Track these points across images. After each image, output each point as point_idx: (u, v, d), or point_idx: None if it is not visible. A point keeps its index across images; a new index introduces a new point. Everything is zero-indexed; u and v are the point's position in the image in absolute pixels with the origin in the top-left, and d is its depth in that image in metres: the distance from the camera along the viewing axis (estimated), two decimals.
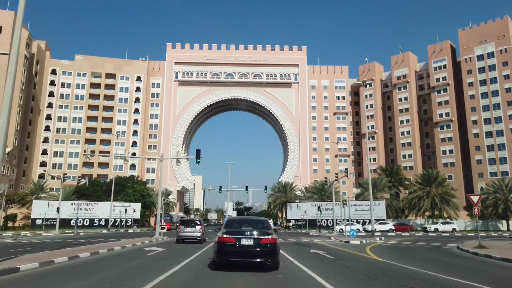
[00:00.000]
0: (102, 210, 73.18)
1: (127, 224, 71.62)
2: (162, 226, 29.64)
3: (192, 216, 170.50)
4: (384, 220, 60.72)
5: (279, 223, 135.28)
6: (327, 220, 71.64)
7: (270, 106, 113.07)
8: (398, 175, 73.56)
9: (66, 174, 62.06)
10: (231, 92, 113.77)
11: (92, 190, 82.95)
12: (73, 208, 70.81)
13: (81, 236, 37.34)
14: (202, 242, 25.46)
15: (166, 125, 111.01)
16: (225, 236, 11.09)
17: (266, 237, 11.02)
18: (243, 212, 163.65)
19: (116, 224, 71.15)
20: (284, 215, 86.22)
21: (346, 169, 46.80)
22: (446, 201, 62.55)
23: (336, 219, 71.65)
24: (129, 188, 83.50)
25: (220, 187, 58.44)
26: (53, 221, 62.19)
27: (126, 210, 72.65)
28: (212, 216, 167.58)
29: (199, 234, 25.44)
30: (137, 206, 74.85)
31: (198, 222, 27.26)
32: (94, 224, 71.15)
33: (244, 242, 10.89)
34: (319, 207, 58.72)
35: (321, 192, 76.72)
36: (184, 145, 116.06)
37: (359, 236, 37.28)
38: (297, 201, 77.55)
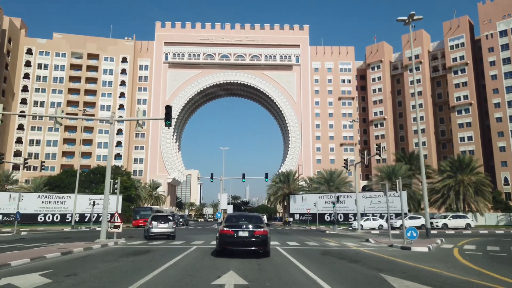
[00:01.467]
0: (76, 204, 62.07)
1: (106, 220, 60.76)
2: (116, 224, 18.65)
3: (186, 212, 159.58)
4: (407, 213, 49.97)
5: (278, 218, 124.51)
6: (337, 214, 60.85)
7: (269, 91, 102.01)
8: (419, 162, 62.56)
9: (43, 162, 50.37)
10: (226, 75, 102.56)
11: (68, 181, 71.72)
12: (40, 201, 59.81)
13: (7, 238, 26.22)
14: (174, 238, 23.86)
15: (155, 112, 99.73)
16: (225, 228, 13.23)
17: (259, 229, 13.12)
18: (240, 207, 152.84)
19: (94, 220, 60.29)
20: (286, 209, 75.39)
21: (363, 153, 35.93)
22: (481, 191, 51.88)
23: (348, 213, 60.97)
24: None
25: (212, 175, 47.52)
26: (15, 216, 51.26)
27: None
28: (208, 211, 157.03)
29: (171, 230, 24.14)
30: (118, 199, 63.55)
31: (171, 218, 25.76)
32: (67, 220, 60.08)
33: (241, 233, 12.99)
34: (338, 198, 47.84)
35: (329, 182, 65.87)
36: (176, 134, 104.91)
37: (378, 234, 26.78)
38: (302, 192, 66.69)
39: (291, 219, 66.72)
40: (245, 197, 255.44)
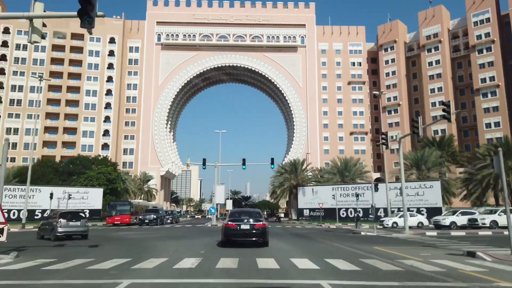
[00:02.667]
0: (48, 198, 52.26)
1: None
2: None
3: (184, 208, 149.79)
4: (453, 209, 39.91)
5: (282, 215, 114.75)
6: (354, 209, 50.89)
7: (272, 75, 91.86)
8: (451, 147, 52.70)
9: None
10: (224, 58, 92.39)
11: (41, 172, 61.80)
12: (3, 195, 49.77)
13: None
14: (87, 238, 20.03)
15: (147, 98, 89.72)
16: (229, 222, 14.94)
17: (258, 223, 14.93)
18: (240, 203, 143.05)
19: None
20: (291, 204, 65.46)
21: (416, 121, 26.02)
22: None
23: (368, 208, 50.97)
24: (90, 171, 62.37)
25: (204, 160, 37.53)
26: None
27: (82, 198, 52.56)
28: (207, 207, 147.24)
29: (84, 229, 20.29)
30: (97, 193, 53.89)
31: (83, 215, 21.46)
32: (35, 217, 50.30)
33: (243, 226, 14.77)
34: (376, 187, 37.52)
35: (343, 172, 55.85)
36: (170, 123, 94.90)
37: (437, 236, 17.27)
38: (312, 184, 56.67)
39: (293, 216, 56.85)
40: (245, 192, 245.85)
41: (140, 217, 38.46)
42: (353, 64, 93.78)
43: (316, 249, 14.53)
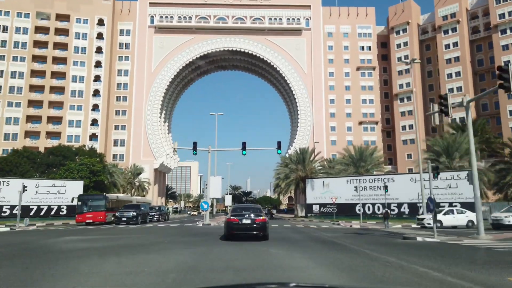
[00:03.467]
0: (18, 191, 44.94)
1: (60, 213, 44.19)
2: None
3: (182, 204, 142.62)
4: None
5: (285, 210, 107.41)
6: (373, 205, 43.63)
7: (274, 60, 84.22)
8: (485, 133, 45.14)
9: None
10: (223, 41, 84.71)
11: (16, 162, 54.49)
12: None
13: None
14: None
15: (139, 85, 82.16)
16: (231, 217, 15.43)
17: (259, 218, 15.46)
18: (241, 198, 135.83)
19: (41, 214, 43.57)
20: (297, 199, 58.12)
21: (443, 103, 18.31)
22: None
23: (389, 204, 43.60)
24: (71, 162, 55.01)
25: (195, 144, 30.06)
26: None
27: (59, 192, 45.62)
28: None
29: None
30: (76, 186, 46.42)
31: None
32: (3, 214, 43.23)
33: (244, 221, 15.27)
34: (437, 171, 29.89)
35: (358, 163, 48.35)
36: (164, 113, 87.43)
37: None
38: (322, 176, 49.15)
39: (300, 212, 49.50)
40: (246, 188, 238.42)
41: (117, 214, 31.06)
42: (362, 48, 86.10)
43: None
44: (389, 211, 28.79)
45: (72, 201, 37.76)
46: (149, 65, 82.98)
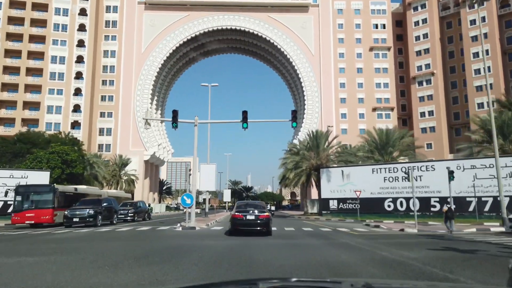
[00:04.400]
0: None
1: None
2: None
3: (179, 199, 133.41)
4: None
5: (290, 206, 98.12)
6: (406, 200, 34.52)
7: (278, 40, 74.88)
8: None
9: None
10: (220, 19, 75.37)
11: None
12: None
13: None
14: None
15: (128, 67, 72.96)
16: (236, 213, 15.91)
17: (262, 214, 15.78)
18: (241, 194, 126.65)
19: None
20: (307, 193, 48.96)
21: None
22: None
23: (429, 198, 34.52)
24: (40, 150, 45.87)
25: (175, 114, 20.93)
26: None
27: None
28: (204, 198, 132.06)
29: None
30: (41, 177, 37.24)
31: None
32: None
33: (249, 217, 15.65)
34: None
35: (384, 149, 39.14)
36: (157, 99, 78.28)
37: None
38: (339, 165, 39.82)
39: (307, 209, 40.30)
40: (246, 184, 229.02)
41: (66, 212, 21.99)
42: (376, 26, 76.70)
43: None
44: (452, 207, 19.63)
45: (6, 195, 28.63)
46: (138, 46, 73.73)
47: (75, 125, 68.94)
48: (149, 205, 34.80)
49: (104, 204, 23.55)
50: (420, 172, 33.57)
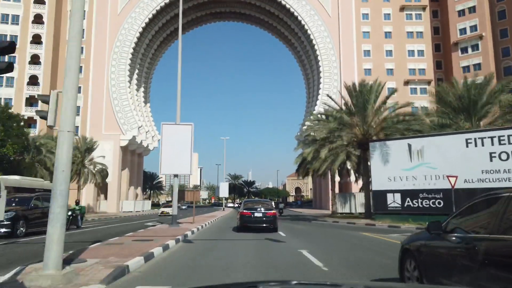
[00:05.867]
0: None
1: None
2: None
3: (169, 198, 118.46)
4: None
5: (297, 203, 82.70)
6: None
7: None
8: None
9: None
10: None
11: None
12: None
13: None
14: None
15: (100, 32, 57.86)
16: (244, 211, 16.40)
17: (270, 211, 16.46)
18: (243, 189, 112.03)
19: None
20: (339, 185, 33.76)
21: None
22: None
23: None
24: None
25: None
26: None
27: None
28: (202, 195, 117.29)
29: None
30: None
31: None
32: None
33: (256, 214, 16.23)
34: None
35: (473, 109, 24.03)
36: (138, 72, 63.20)
37: None
38: (403, 135, 24.59)
39: (360, 209, 24.94)
40: (247, 177, 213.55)
41: None
42: None
43: None
44: None
45: None
46: (114, 5, 58.57)
47: (32, 101, 53.84)
48: (77, 203, 19.54)
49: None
50: None
